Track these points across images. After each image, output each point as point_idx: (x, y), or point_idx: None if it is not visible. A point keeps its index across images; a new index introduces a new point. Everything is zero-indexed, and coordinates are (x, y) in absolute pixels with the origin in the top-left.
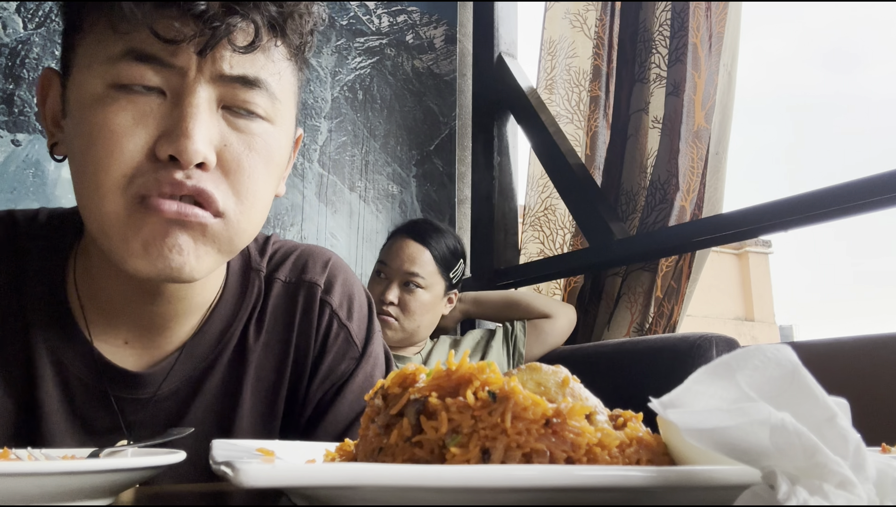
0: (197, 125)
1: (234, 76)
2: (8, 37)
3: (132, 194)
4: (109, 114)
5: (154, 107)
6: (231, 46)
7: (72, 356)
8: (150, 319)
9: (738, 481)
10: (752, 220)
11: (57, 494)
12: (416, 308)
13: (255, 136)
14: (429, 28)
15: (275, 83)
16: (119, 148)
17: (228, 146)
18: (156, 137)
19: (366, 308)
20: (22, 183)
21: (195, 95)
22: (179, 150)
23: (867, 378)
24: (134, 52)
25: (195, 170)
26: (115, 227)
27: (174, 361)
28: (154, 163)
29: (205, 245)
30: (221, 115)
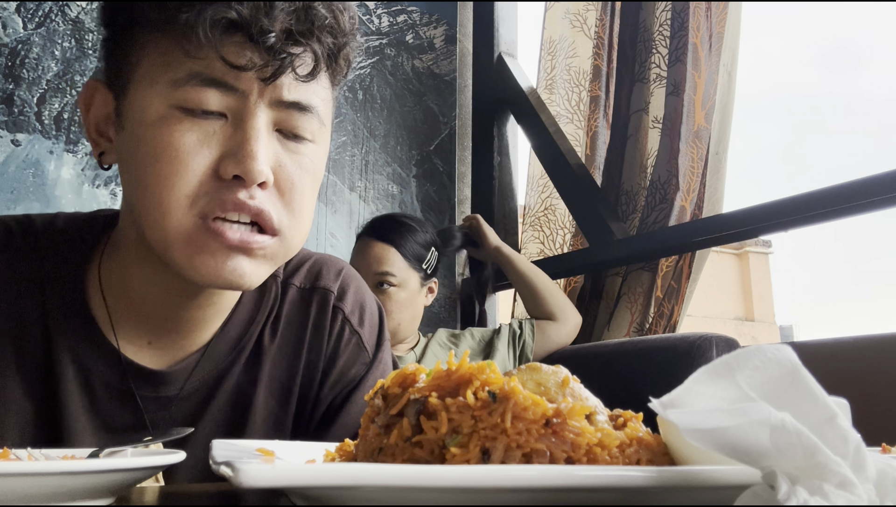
0: (260, 147)
1: (290, 102)
2: (8, 37)
3: (196, 213)
4: (175, 134)
5: (217, 129)
6: (294, 75)
7: (94, 357)
8: (177, 322)
9: (738, 481)
10: (752, 220)
11: (57, 494)
12: (392, 308)
13: (304, 156)
14: (429, 28)
15: (323, 108)
16: (184, 167)
17: (283, 167)
18: (218, 158)
19: (377, 316)
20: (22, 183)
21: (256, 118)
22: (245, 170)
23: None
24: (200, 77)
25: (256, 189)
26: (178, 243)
27: (195, 361)
28: (217, 182)
29: (264, 263)
30: (276, 137)
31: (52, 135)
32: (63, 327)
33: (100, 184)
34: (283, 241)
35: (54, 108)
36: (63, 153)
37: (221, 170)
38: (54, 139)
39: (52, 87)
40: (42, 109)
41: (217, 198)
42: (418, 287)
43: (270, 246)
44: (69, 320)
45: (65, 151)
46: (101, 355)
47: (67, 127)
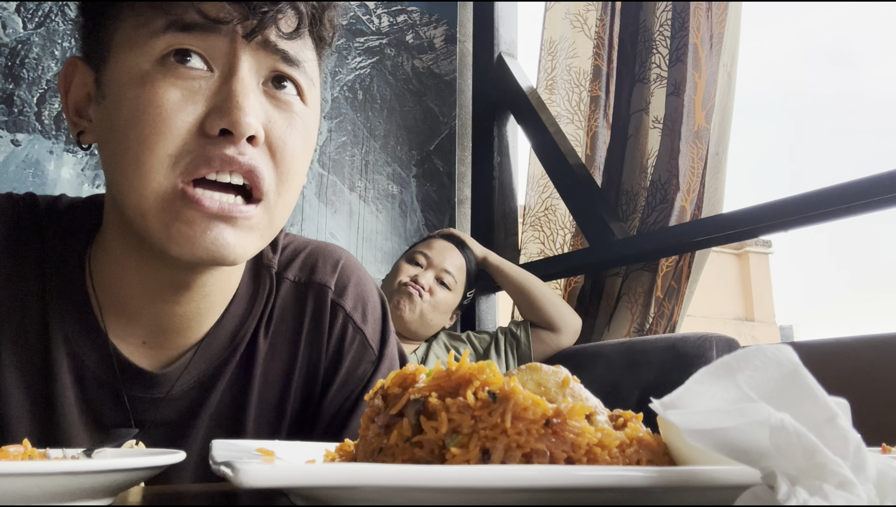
0: (248, 99)
1: (278, 48)
2: (8, 37)
3: (178, 174)
4: (159, 91)
5: (202, 84)
6: (278, 31)
7: (88, 351)
8: (170, 319)
9: (738, 481)
10: (752, 220)
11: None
12: (439, 302)
13: (295, 114)
14: (429, 28)
15: (311, 68)
16: (167, 125)
17: (273, 123)
18: (205, 114)
19: (379, 310)
20: (22, 183)
21: (242, 67)
22: (233, 121)
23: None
24: (178, 23)
25: (247, 145)
26: (156, 211)
27: (188, 360)
28: (202, 139)
29: (249, 234)
30: (263, 90)
31: (52, 135)
32: (61, 314)
33: (100, 184)
34: (268, 209)
35: (54, 108)
36: (63, 153)
37: (208, 125)
38: (54, 139)
39: (52, 87)
40: (42, 109)
41: (202, 155)
42: (454, 306)
43: (255, 215)
44: (67, 308)
45: (65, 151)
46: (95, 349)
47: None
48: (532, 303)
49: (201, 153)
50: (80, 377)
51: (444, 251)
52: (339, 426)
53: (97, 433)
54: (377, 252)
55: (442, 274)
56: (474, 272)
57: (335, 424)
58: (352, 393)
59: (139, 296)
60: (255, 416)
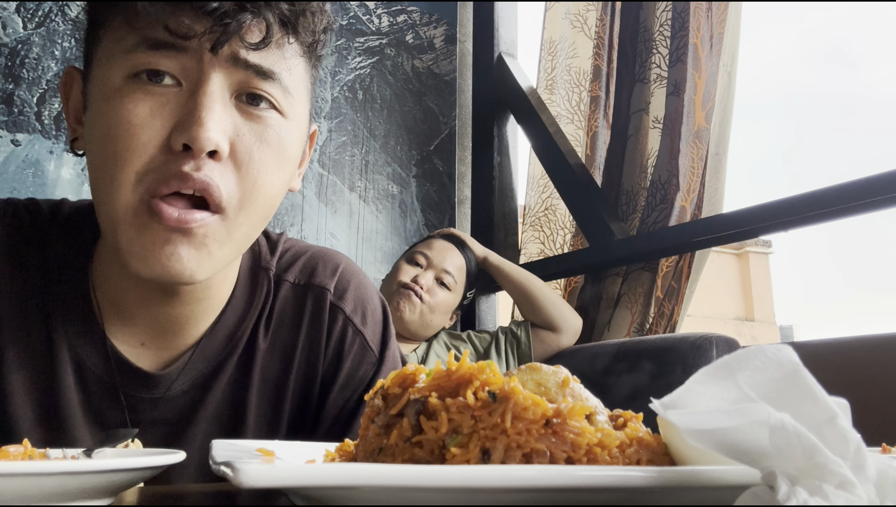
0: (210, 114)
1: (249, 63)
2: (8, 37)
3: (142, 191)
4: (129, 106)
5: (170, 98)
6: (243, 43)
7: (90, 352)
8: (167, 321)
9: (737, 481)
10: (752, 220)
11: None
12: (439, 303)
13: (268, 127)
14: (429, 28)
15: (287, 78)
16: (135, 141)
17: (241, 137)
18: (171, 129)
19: (380, 313)
20: (22, 183)
21: (209, 82)
22: (192, 137)
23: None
24: (147, 41)
25: (207, 160)
26: (122, 225)
27: (187, 360)
28: (167, 155)
29: (205, 247)
30: (235, 105)
31: (52, 135)
32: (64, 318)
33: None
34: (227, 220)
35: (54, 108)
36: (63, 153)
37: (172, 141)
38: (54, 139)
39: (52, 87)
40: (42, 109)
41: (163, 172)
42: (454, 306)
43: (211, 224)
44: (70, 312)
45: (65, 151)
46: (96, 351)
47: None
48: (532, 303)
49: (163, 170)
50: (83, 379)
51: (444, 251)
52: (342, 427)
53: (99, 433)
54: (377, 252)
55: (442, 274)
56: (474, 272)
57: (337, 426)
58: (353, 395)
59: (135, 300)
60: (255, 416)
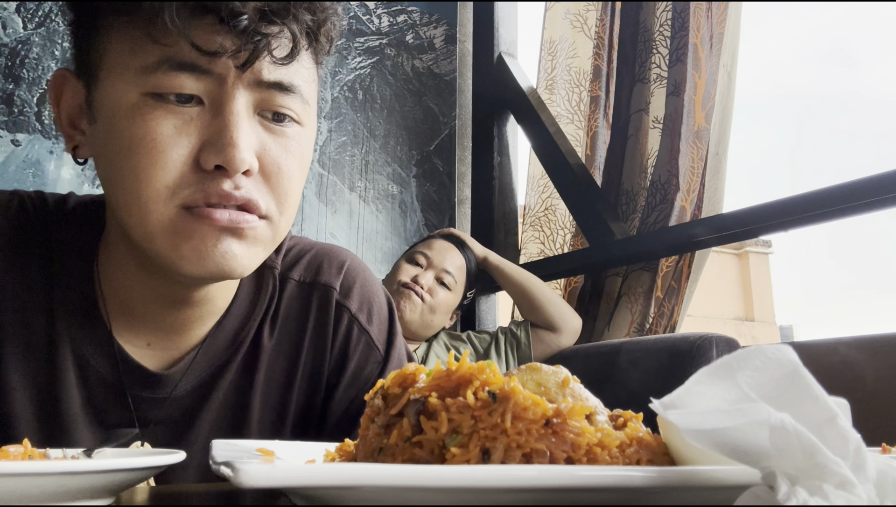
0: (241, 134)
1: (271, 82)
2: (8, 37)
3: (178, 205)
4: (151, 123)
5: (194, 116)
6: (271, 58)
7: (94, 351)
8: (174, 322)
9: (737, 481)
10: (752, 220)
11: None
12: (439, 303)
13: (290, 139)
14: (429, 28)
15: (306, 88)
16: (163, 159)
17: (268, 151)
18: (198, 147)
19: (386, 311)
20: (22, 183)
21: (235, 102)
22: (227, 159)
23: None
24: (171, 61)
25: (241, 178)
26: (163, 235)
27: (191, 360)
28: (199, 173)
29: (254, 246)
30: (259, 120)
31: (52, 135)
32: (67, 314)
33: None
34: (272, 225)
35: None
36: (63, 153)
37: (203, 160)
38: (54, 139)
39: None
40: (42, 109)
41: (200, 190)
42: (454, 306)
43: (259, 227)
44: (74, 309)
45: (64, 150)
46: (100, 350)
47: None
48: (532, 303)
49: (200, 188)
50: (85, 377)
51: (444, 251)
52: (348, 427)
53: (101, 433)
54: (377, 252)
55: (442, 274)
56: (474, 272)
57: (343, 425)
58: (358, 394)
59: (142, 301)
60: (259, 415)
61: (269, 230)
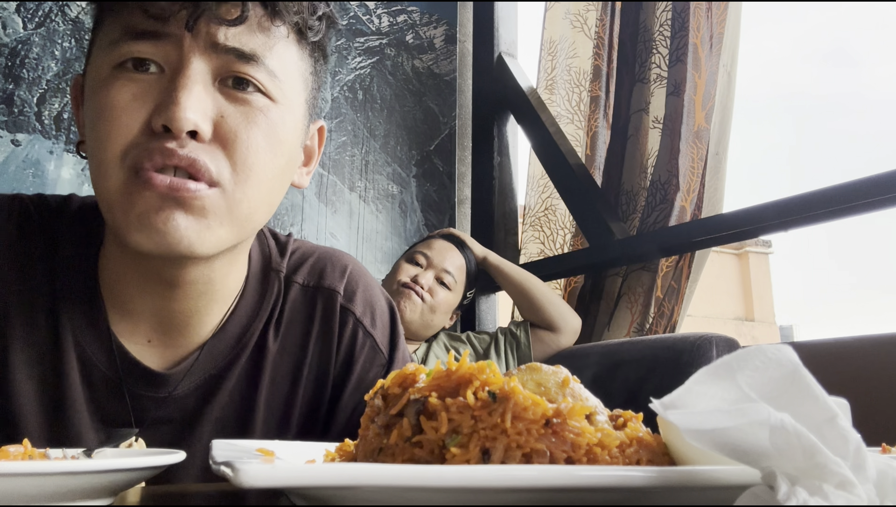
0: (187, 94)
1: (228, 47)
2: (8, 37)
3: (128, 167)
4: (112, 92)
5: (152, 83)
6: (219, 21)
7: (96, 349)
8: (171, 316)
9: (737, 481)
10: (752, 220)
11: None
12: (439, 303)
13: (255, 109)
14: (429, 28)
15: (273, 62)
16: (118, 124)
17: (226, 117)
18: (152, 111)
19: (387, 314)
20: (22, 183)
21: (188, 66)
22: (169, 117)
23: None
24: (130, 31)
25: (189, 140)
26: (115, 201)
27: (194, 360)
28: (149, 135)
29: (204, 218)
30: (219, 88)
31: (52, 135)
32: (71, 315)
33: None
34: (225, 194)
35: (54, 108)
36: (63, 153)
37: (152, 122)
38: (54, 139)
39: (52, 87)
40: (42, 109)
41: (145, 148)
42: (454, 306)
43: (209, 197)
44: (77, 309)
45: (65, 151)
46: (103, 348)
47: (67, 127)
48: (532, 303)
49: (146, 146)
50: (89, 376)
51: (444, 251)
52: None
53: (105, 431)
54: (377, 252)
55: (442, 274)
56: (474, 272)
57: (349, 429)
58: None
59: (138, 293)
60: (264, 417)
61: (221, 200)
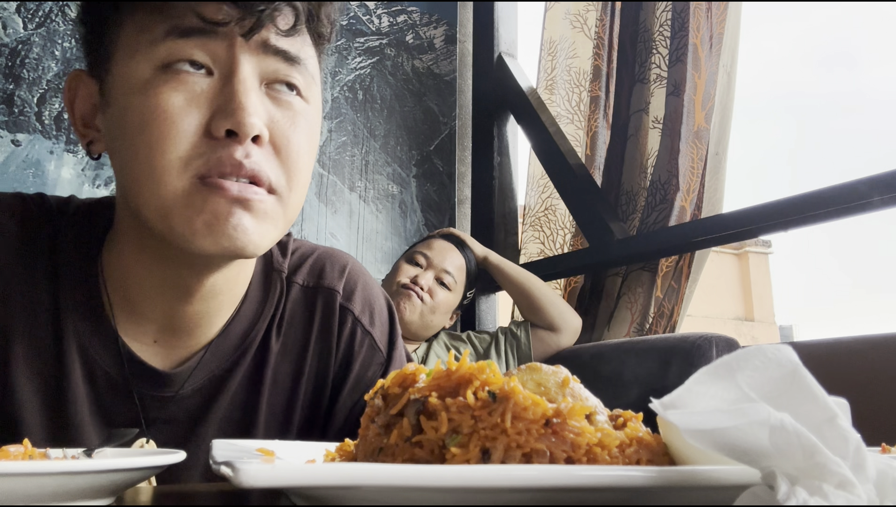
0: (250, 98)
1: (277, 49)
2: (8, 37)
3: (191, 175)
4: (162, 96)
5: (204, 86)
6: (275, 29)
7: (100, 349)
8: (180, 318)
9: (737, 481)
10: (752, 220)
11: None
12: (439, 303)
13: (297, 113)
14: (429, 28)
15: (311, 63)
16: (175, 129)
17: (276, 122)
18: (209, 116)
19: (386, 313)
20: (22, 183)
21: (242, 68)
22: (237, 122)
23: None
24: (178, 29)
25: (252, 146)
26: (176, 208)
27: (199, 359)
28: (211, 141)
29: (265, 222)
30: (265, 91)
31: (52, 135)
32: (73, 314)
33: (100, 184)
34: (281, 201)
35: (54, 108)
36: (63, 153)
37: (213, 127)
38: (54, 139)
39: (52, 87)
40: (42, 109)
41: (213, 158)
42: (454, 306)
43: (269, 202)
44: (80, 308)
45: (65, 151)
46: (107, 348)
47: (67, 127)
48: (532, 302)
49: (212, 156)
50: (92, 375)
51: (444, 251)
52: (353, 428)
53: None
54: (377, 252)
55: (442, 274)
56: (474, 272)
57: (348, 427)
58: (362, 396)
59: (149, 296)
60: (266, 417)
61: (278, 207)
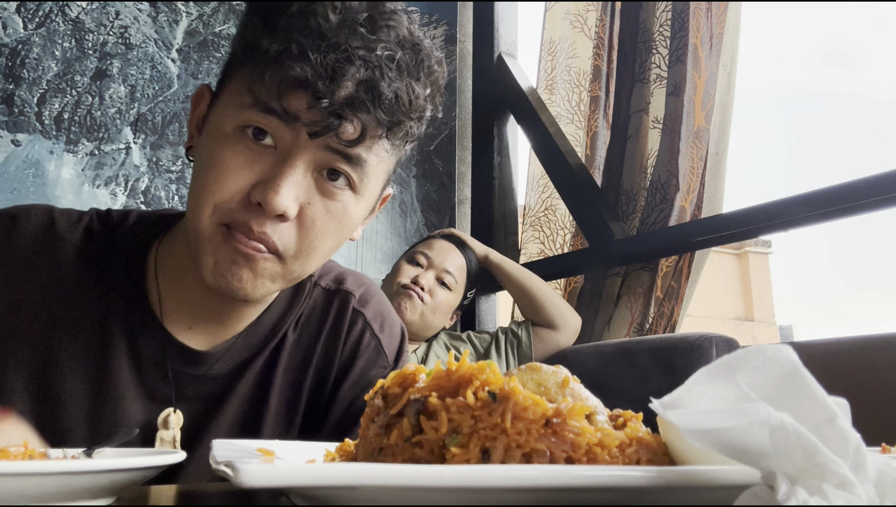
0: (288, 184)
1: (339, 149)
2: (8, 37)
3: (216, 221)
4: (229, 153)
5: (264, 156)
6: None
7: (145, 335)
8: (218, 312)
9: (737, 481)
10: (752, 220)
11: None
12: (439, 303)
13: (337, 203)
14: (429, 28)
15: (373, 164)
16: (223, 183)
17: (311, 205)
18: (255, 182)
19: (398, 330)
20: (22, 183)
21: (298, 157)
22: (266, 200)
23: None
24: (261, 104)
25: (274, 220)
26: (201, 240)
27: (230, 344)
28: (243, 203)
29: (262, 278)
30: (315, 177)
31: (52, 135)
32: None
33: (100, 184)
34: (283, 264)
35: (54, 108)
36: (63, 153)
37: (251, 194)
38: (54, 139)
39: (52, 87)
40: (42, 109)
41: (240, 217)
42: (454, 306)
43: (269, 262)
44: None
45: (65, 151)
46: (152, 334)
47: (67, 127)
48: (533, 301)
49: (240, 215)
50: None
51: (444, 251)
52: (349, 424)
53: (148, 405)
54: (377, 252)
55: (442, 274)
56: (475, 272)
57: (344, 422)
58: (362, 394)
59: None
60: (275, 405)
61: (279, 267)
